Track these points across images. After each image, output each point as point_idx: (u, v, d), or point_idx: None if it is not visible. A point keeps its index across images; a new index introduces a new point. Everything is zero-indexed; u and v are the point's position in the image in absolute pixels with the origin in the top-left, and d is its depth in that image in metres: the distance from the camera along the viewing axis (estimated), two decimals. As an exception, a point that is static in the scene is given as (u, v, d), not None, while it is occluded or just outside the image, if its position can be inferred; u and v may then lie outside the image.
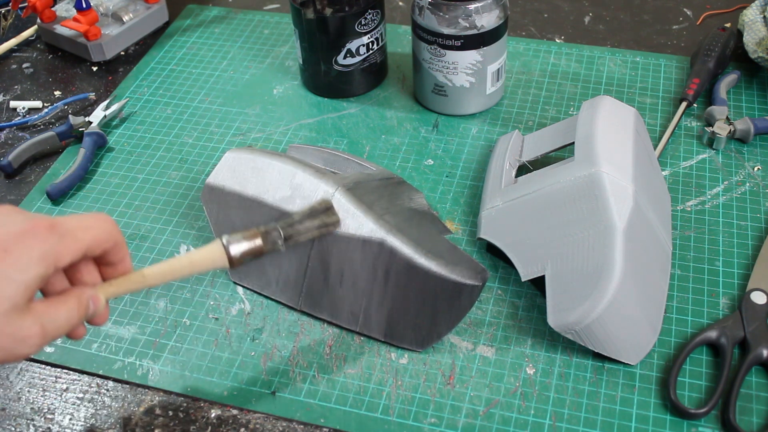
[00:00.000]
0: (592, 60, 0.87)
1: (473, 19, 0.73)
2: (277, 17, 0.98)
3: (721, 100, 0.79)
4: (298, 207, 0.62)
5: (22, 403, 0.60)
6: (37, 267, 0.43)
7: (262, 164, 0.65)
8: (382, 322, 0.61)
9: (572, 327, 0.57)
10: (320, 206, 0.61)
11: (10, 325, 0.42)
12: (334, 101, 0.85)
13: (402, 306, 0.60)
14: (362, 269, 0.60)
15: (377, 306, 0.61)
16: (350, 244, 0.60)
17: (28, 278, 0.42)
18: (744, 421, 0.55)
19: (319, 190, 0.62)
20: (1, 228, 0.43)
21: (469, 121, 0.81)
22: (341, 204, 0.61)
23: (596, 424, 0.56)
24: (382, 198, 0.65)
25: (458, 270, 0.59)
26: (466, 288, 0.58)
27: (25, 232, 0.43)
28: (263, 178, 0.64)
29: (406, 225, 0.62)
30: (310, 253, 0.62)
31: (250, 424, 0.57)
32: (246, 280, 0.66)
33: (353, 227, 0.60)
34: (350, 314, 0.62)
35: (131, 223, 0.72)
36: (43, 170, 0.79)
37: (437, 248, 0.61)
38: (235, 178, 0.65)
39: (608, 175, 0.61)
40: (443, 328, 0.60)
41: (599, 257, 0.58)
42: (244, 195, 0.64)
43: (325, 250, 0.61)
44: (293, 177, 0.63)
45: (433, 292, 0.59)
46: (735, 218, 0.69)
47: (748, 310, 0.61)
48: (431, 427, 0.56)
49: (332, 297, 0.62)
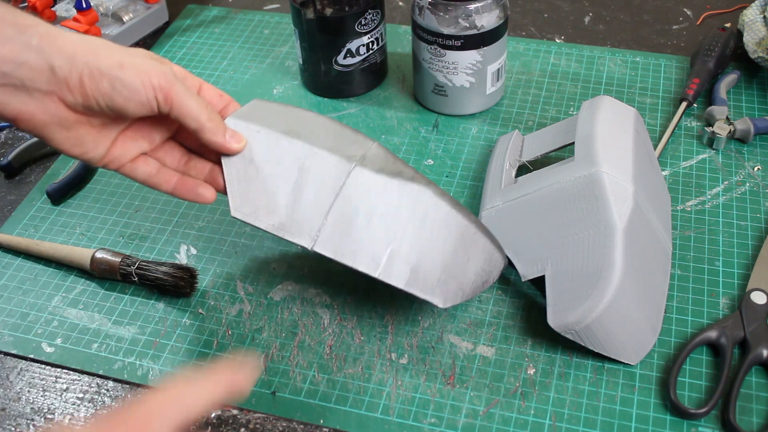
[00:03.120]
0: (592, 60, 0.87)
1: (473, 19, 0.73)
2: (277, 17, 0.98)
3: (721, 100, 0.79)
4: (334, 146, 0.58)
5: (22, 403, 0.60)
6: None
7: (295, 112, 0.60)
8: (405, 270, 0.56)
9: (572, 327, 0.57)
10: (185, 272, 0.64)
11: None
12: (334, 101, 0.85)
13: (433, 256, 0.57)
14: (397, 212, 0.57)
15: (406, 252, 0.56)
16: (388, 186, 0.57)
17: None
18: (744, 421, 0.55)
19: (357, 139, 0.58)
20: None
21: (469, 121, 0.81)
22: (380, 152, 0.58)
23: (596, 424, 0.56)
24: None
25: (493, 239, 0.60)
26: (496, 257, 0.59)
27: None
28: (296, 120, 0.59)
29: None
30: (338, 192, 0.57)
31: (250, 424, 0.57)
32: (251, 217, 0.58)
33: (393, 172, 0.57)
34: (372, 259, 0.56)
35: (131, 223, 0.72)
36: (43, 170, 0.79)
37: (470, 216, 0.60)
38: (263, 118, 0.59)
39: (608, 175, 0.61)
40: (469, 290, 0.59)
41: (599, 257, 0.58)
42: (272, 132, 0.58)
43: (355, 192, 0.57)
44: (329, 126, 0.59)
45: (467, 249, 0.58)
46: (735, 218, 0.69)
47: (748, 310, 0.61)
48: (431, 427, 0.56)
49: (354, 239, 0.57)
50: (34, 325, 0.64)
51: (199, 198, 0.57)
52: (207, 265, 0.68)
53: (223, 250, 0.69)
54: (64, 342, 0.63)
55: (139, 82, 0.50)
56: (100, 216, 0.73)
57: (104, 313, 0.65)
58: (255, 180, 0.57)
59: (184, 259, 0.69)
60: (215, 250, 0.69)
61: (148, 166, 0.56)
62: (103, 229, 0.72)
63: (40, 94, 0.49)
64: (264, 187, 0.57)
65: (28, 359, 0.62)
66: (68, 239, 0.71)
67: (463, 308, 0.64)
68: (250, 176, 0.57)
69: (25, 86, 0.48)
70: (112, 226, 0.72)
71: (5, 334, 0.64)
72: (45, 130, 0.50)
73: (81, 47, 0.49)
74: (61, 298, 0.66)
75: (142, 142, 0.56)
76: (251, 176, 0.57)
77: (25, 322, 0.65)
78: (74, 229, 0.72)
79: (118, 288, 0.67)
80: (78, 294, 0.67)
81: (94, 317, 0.65)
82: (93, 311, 0.65)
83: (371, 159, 0.58)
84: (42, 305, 0.66)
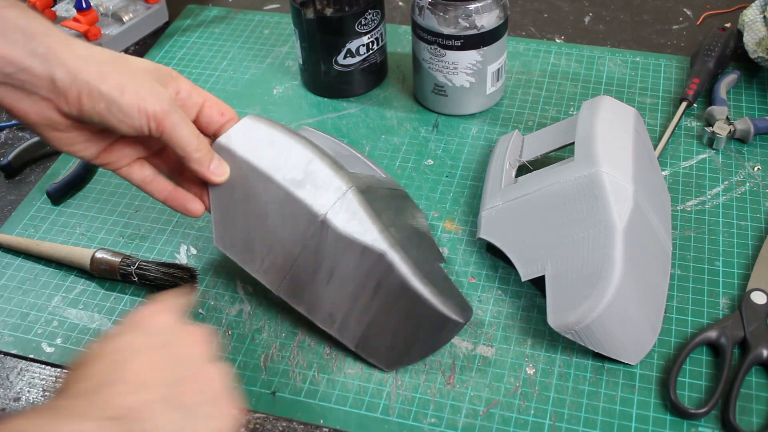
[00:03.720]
0: (592, 60, 0.87)
1: (473, 19, 0.73)
2: (277, 17, 0.98)
3: (721, 100, 0.79)
4: (307, 193, 0.59)
5: (22, 403, 0.60)
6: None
7: (281, 140, 0.61)
8: (357, 332, 0.60)
9: (572, 327, 0.57)
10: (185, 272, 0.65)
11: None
12: (334, 101, 0.85)
13: (383, 322, 0.59)
14: (354, 275, 0.59)
15: (358, 315, 0.59)
16: (349, 246, 0.58)
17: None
18: (744, 421, 0.55)
19: (332, 184, 0.59)
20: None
21: (469, 121, 0.81)
22: (351, 204, 0.59)
23: (596, 424, 0.56)
24: (389, 209, 0.64)
25: (448, 303, 0.58)
26: (451, 322, 0.58)
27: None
28: (278, 154, 0.60)
29: (407, 243, 0.61)
30: (305, 242, 0.59)
31: (250, 424, 0.57)
32: (231, 250, 0.61)
33: (357, 232, 0.58)
34: (329, 315, 0.60)
35: (131, 223, 0.72)
36: (43, 170, 0.79)
37: (432, 275, 0.60)
38: (249, 146, 0.60)
39: (608, 175, 0.61)
40: (416, 355, 0.60)
41: (599, 257, 0.58)
42: (254, 166, 0.59)
43: (321, 245, 0.59)
44: (309, 163, 0.60)
45: (418, 318, 0.58)
46: (735, 218, 0.69)
47: (748, 310, 0.61)
48: (431, 427, 0.56)
49: (315, 293, 0.60)
50: (34, 325, 0.64)
51: (187, 212, 0.59)
52: (207, 265, 0.68)
53: (223, 250, 0.69)
54: (64, 342, 0.63)
55: (136, 109, 0.51)
56: (100, 216, 0.73)
57: (104, 313, 0.65)
58: (236, 212, 0.59)
59: (184, 259, 0.69)
60: (215, 250, 0.69)
61: (143, 172, 0.58)
62: (103, 229, 0.72)
63: (38, 98, 0.50)
64: (244, 222, 0.59)
65: (28, 359, 0.62)
66: (68, 239, 0.71)
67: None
68: (231, 208, 0.59)
69: (25, 89, 0.49)
70: (112, 226, 0.72)
71: (5, 334, 0.64)
72: (36, 127, 0.52)
73: (85, 66, 0.50)
74: (61, 298, 0.66)
75: (139, 148, 0.57)
76: (233, 208, 0.59)
77: (25, 322, 0.65)
78: (74, 229, 0.72)
79: (118, 288, 0.67)
80: (78, 294, 0.67)
81: (94, 317, 0.65)
82: (93, 311, 0.65)
83: (347, 202, 0.59)
84: (42, 305, 0.66)
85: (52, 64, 0.49)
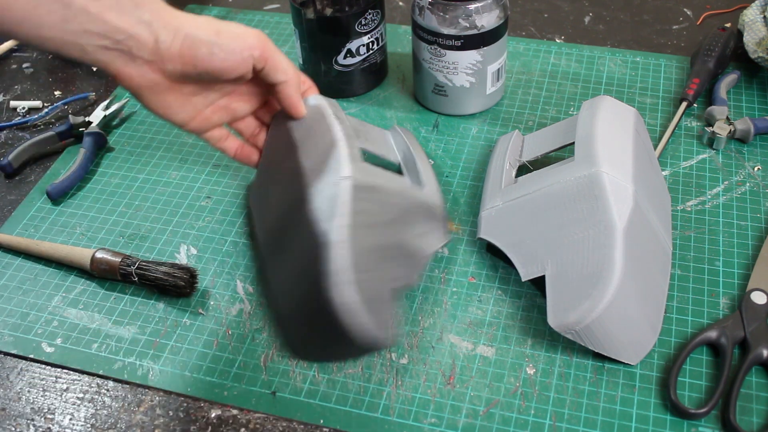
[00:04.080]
0: (592, 60, 0.87)
1: (473, 19, 0.73)
2: (277, 17, 0.98)
3: (721, 100, 0.79)
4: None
5: (22, 403, 0.60)
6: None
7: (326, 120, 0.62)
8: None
9: (572, 327, 0.57)
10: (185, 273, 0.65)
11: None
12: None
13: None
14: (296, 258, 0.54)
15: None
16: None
17: None
18: (744, 421, 0.55)
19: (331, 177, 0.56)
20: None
21: (469, 121, 0.81)
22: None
23: (596, 424, 0.56)
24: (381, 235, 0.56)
25: (371, 315, 0.49)
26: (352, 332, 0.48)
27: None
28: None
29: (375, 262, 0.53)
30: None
31: (250, 424, 0.57)
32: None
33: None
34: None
35: (131, 223, 0.72)
36: (43, 170, 0.79)
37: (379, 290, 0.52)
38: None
39: (608, 175, 0.61)
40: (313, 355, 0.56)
41: (599, 257, 0.58)
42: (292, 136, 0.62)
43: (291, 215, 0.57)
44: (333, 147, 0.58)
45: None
46: (735, 218, 0.69)
47: (748, 310, 0.61)
48: (431, 427, 0.56)
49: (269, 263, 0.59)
50: (34, 325, 0.64)
51: (251, 163, 0.67)
52: (207, 265, 0.68)
53: (223, 250, 0.69)
54: (64, 342, 0.63)
55: (236, 44, 0.57)
56: (100, 216, 0.73)
57: (104, 313, 0.65)
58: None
59: (184, 259, 0.69)
60: (215, 250, 0.69)
61: (221, 132, 0.65)
62: (103, 229, 0.72)
63: (142, 61, 0.55)
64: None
65: (28, 359, 0.62)
66: (68, 239, 0.71)
67: (463, 308, 0.64)
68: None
69: (132, 53, 0.54)
70: (112, 226, 0.72)
71: (5, 334, 0.64)
72: (139, 90, 0.57)
73: (184, 22, 0.56)
74: (61, 298, 0.66)
75: (224, 115, 0.63)
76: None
77: (25, 322, 0.65)
78: (74, 229, 0.72)
79: (118, 288, 0.67)
80: (78, 294, 0.67)
81: (94, 317, 0.65)
82: (93, 311, 0.65)
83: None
84: (42, 305, 0.66)
85: (156, 28, 0.54)
